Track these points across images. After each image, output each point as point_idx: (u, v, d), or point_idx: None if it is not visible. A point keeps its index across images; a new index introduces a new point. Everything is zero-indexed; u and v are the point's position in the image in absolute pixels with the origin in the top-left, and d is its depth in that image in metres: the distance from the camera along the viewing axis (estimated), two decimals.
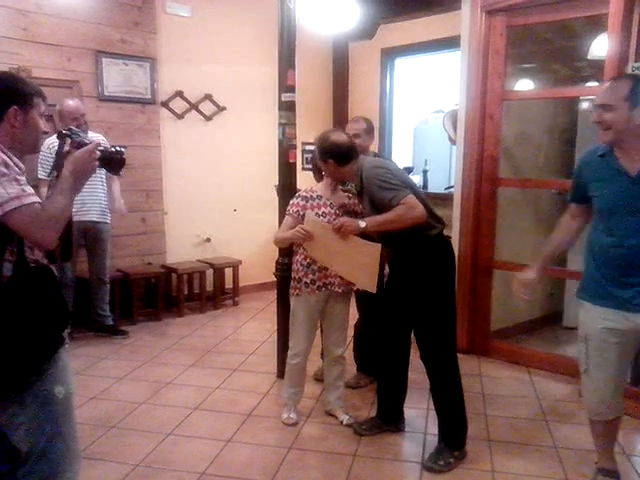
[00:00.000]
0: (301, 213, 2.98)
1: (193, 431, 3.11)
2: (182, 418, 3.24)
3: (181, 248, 5.46)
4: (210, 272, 5.42)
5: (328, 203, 3.03)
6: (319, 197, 3.04)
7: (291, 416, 3.22)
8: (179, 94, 5.38)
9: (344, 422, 3.18)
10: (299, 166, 5.43)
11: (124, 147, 2.00)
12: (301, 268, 3.05)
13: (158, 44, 5.18)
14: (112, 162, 1.91)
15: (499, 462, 2.81)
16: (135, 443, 2.97)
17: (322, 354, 3.83)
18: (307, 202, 3.01)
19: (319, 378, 3.70)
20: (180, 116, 5.41)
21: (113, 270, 4.78)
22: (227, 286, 5.62)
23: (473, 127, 4.10)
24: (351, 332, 3.69)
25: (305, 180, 5.94)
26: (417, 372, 3.32)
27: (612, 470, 2.56)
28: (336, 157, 2.84)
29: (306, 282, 3.03)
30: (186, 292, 5.39)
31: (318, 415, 3.30)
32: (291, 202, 3.08)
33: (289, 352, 3.21)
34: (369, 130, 3.50)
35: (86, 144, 1.80)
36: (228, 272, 5.56)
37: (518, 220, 4.53)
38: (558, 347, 4.43)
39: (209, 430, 3.12)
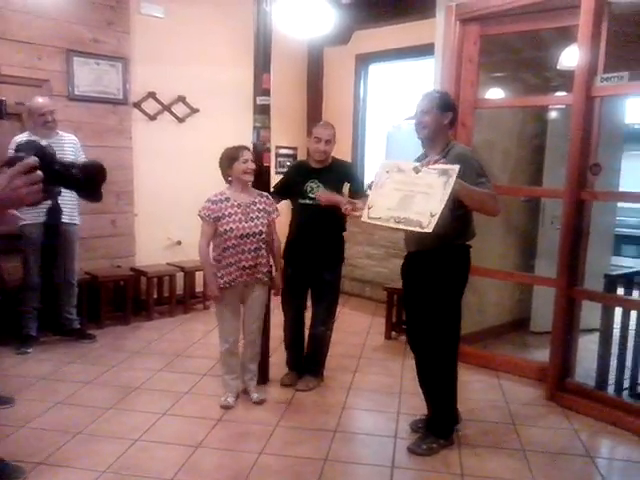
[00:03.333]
0: (212, 216, 3.25)
1: (162, 436, 3.06)
2: (151, 423, 3.19)
3: (151, 251, 5.38)
4: (180, 275, 5.36)
5: (235, 204, 3.30)
6: (227, 199, 3.31)
7: (228, 400, 3.43)
8: (151, 95, 5.32)
9: (254, 399, 3.46)
10: (272, 169, 5.44)
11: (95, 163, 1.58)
12: (213, 263, 3.36)
13: (131, 44, 5.11)
14: (72, 183, 1.48)
15: (469, 466, 2.84)
16: (102, 449, 2.90)
17: (288, 362, 3.84)
18: (216, 205, 3.28)
19: (286, 383, 3.73)
20: (152, 117, 5.35)
21: (81, 273, 4.69)
22: (198, 290, 5.56)
23: None
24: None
25: None
26: (391, 376, 3.35)
27: None
28: (455, 114, 2.93)
29: (217, 277, 3.32)
30: (156, 296, 5.32)
31: (289, 420, 3.29)
32: (202, 207, 3.32)
33: (219, 340, 3.47)
34: (335, 136, 3.60)
35: (20, 159, 1.35)
36: (199, 275, 5.48)
37: (487, 226, 4.59)
38: (526, 352, 4.50)
39: (178, 435, 3.08)
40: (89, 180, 1.49)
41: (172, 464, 2.78)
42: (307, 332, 3.80)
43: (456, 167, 2.52)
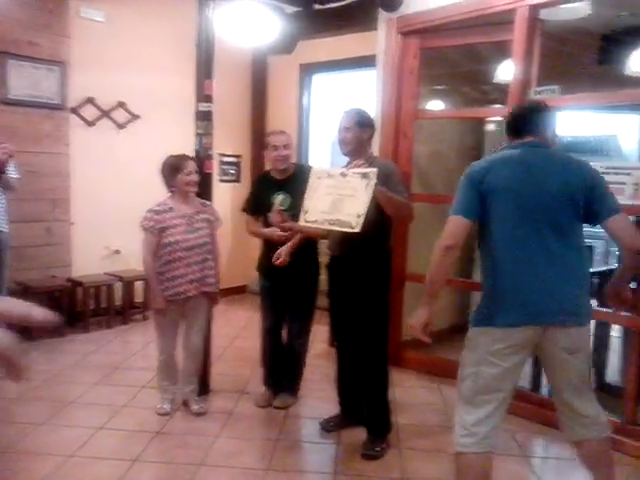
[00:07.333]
0: (157, 227, 3.16)
1: (97, 452, 2.95)
2: (86, 438, 3.06)
3: (89, 260, 5.22)
4: (119, 285, 5.21)
5: (180, 214, 3.24)
6: (171, 209, 3.24)
7: (164, 406, 3.40)
8: (90, 101, 5.18)
9: (194, 411, 3.40)
10: (215, 177, 5.38)
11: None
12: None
13: (70, 48, 4.97)
14: None
15: (410, 469, 2.87)
16: (32, 467, 2.77)
17: (264, 380, 3.68)
18: (160, 215, 3.20)
19: (261, 405, 3.57)
20: (91, 123, 5.21)
21: (12, 283, 4.48)
22: (137, 300, 5.42)
23: (387, 144, 4.20)
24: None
25: (223, 192, 5.91)
26: (333, 382, 3.35)
27: None
28: (373, 129, 3.11)
29: (161, 289, 3.22)
30: (93, 307, 5.15)
31: (231, 430, 3.24)
32: (143, 217, 3.22)
33: (158, 350, 3.44)
34: (291, 141, 3.55)
35: None
36: (138, 285, 5.36)
37: (427, 234, 4.67)
38: None
39: (115, 450, 2.97)
40: None
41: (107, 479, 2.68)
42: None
43: (375, 170, 2.67)
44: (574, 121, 6.55)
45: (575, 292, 2.09)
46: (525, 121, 2.25)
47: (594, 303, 2.69)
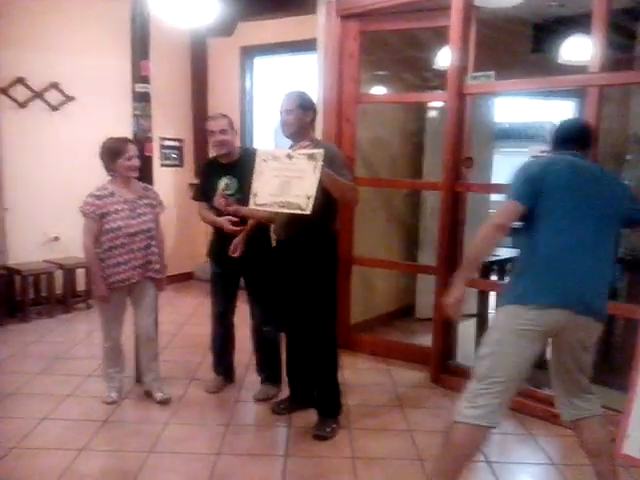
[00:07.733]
0: (97, 212, 3.07)
1: (41, 443, 2.88)
2: (28, 430, 2.99)
3: (26, 248, 5.02)
4: (59, 273, 5.05)
5: (122, 200, 3.16)
6: (112, 194, 3.16)
7: (111, 395, 3.35)
8: (21, 81, 4.94)
9: (158, 399, 3.35)
10: (157, 161, 5.28)
11: None
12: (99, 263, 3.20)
13: None
14: None
15: (359, 448, 2.94)
16: None
17: (214, 367, 3.65)
18: (101, 200, 3.12)
19: (211, 391, 3.55)
20: (22, 105, 4.98)
21: None
22: (79, 288, 5.27)
23: (330, 128, 4.21)
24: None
25: (165, 176, 5.80)
26: (283, 367, 3.38)
27: None
28: (315, 112, 3.11)
29: (102, 276, 3.15)
30: (33, 296, 4.98)
31: (181, 417, 3.22)
32: (84, 202, 3.12)
33: (102, 337, 3.36)
34: (232, 125, 3.47)
35: None
36: (80, 273, 5.21)
37: (374, 218, 4.76)
38: (412, 337, 4.70)
39: (60, 440, 2.91)
40: None
41: (52, 470, 2.63)
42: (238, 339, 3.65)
43: (321, 151, 2.68)
44: (511, 108, 6.79)
45: (604, 289, 2.28)
46: (575, 135, 2.46)
47: None
